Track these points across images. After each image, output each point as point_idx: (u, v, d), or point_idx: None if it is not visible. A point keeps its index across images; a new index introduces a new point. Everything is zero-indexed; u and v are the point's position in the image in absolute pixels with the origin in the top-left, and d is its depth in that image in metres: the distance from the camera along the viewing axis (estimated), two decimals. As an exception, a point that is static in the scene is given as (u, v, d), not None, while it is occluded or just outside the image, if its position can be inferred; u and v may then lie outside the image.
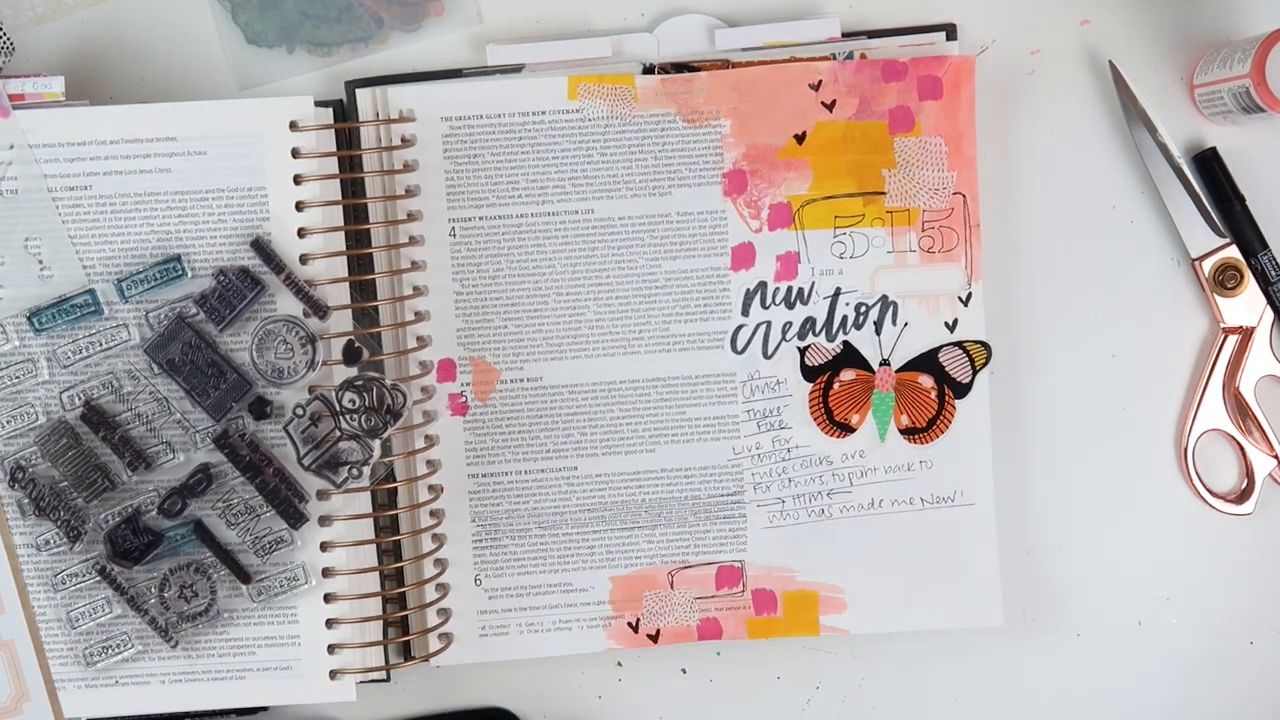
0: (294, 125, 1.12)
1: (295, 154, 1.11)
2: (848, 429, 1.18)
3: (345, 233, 1.13)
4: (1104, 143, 1.21)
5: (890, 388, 1.18)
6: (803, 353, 1.17)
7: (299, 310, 1.12)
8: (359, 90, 1.16)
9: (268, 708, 1.18)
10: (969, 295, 1.17)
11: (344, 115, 1.16)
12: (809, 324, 1.17)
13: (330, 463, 1.12)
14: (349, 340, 1.12)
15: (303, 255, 1.12)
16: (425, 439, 1.16)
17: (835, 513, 1.18)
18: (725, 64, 1.16)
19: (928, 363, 1.17)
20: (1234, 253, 1.19)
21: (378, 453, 1.12)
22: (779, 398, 1.17)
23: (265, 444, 1.13)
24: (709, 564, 1.18)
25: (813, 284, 1.17)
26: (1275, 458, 1.20)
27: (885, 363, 1.17)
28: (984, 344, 1.17)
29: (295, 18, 1.18)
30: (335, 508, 1.14)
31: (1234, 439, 1.20)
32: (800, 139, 1.16)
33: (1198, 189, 1.18)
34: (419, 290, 1.15)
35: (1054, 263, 1.20)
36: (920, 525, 1.18)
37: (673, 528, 1.18)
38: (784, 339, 1.17)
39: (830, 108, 1.15)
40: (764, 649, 1.21)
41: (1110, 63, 1.19)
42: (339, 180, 1.14)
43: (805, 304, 1.17)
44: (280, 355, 1.11)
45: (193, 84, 1.19)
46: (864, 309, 1.17)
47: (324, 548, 1.14)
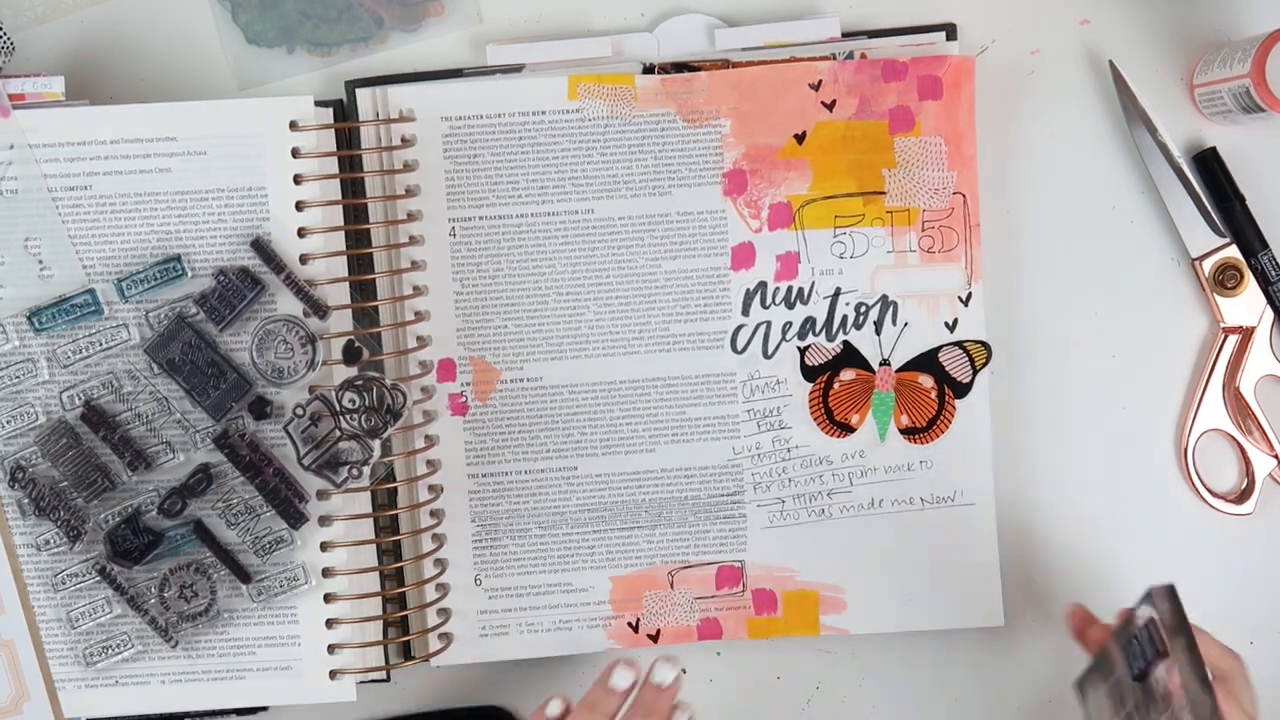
0: (294, 125, 1.12)
1: (295, 154, 1.11)
2: (848, 429, 1.18)
3: (345, 233, 1.13)
4: (1104, 143, 1.20)
5: (890, 388, 1.18)
6: (803, 353, 1.17)
7: (299, 310, 1.12)
8: (359, 90, 1.16)
9: (268, 708, 1.18)
10: (969, 295, 1.17)
11: (344, 115, 1.16)
12: (809, 324, 1.17)
13: (330, 463, 1.12)
14: (349, 340, 1.12)
15: (303, 255, 1.12)
16: (425, 439, 1.16)
17: (835, 513, 1.18)
18: (725, 64, 1.16)
19: (928, 362, 1.17)
20: (1234, 253, 1.19)
21: (378, 453, 1.12)
22: (779, 397, 1.17)
23: (265, 444, 1.13)
24: (709, 564, 1.18)
25: (813, 284, 1.17)
26: (1275, 458, 1.20)
27: (885, 363, 1.17)
28: (984, 344, 1.17)
29: (295, 18, 1.18)
30: (335, 508, 1.13)
31: (1234, 439, 1.20)
32: (800, 139, 1.15)
33: (1198, 189, 1.18)
34: (419, 290, 1.15)
35: (1054, 263, 1.20)
36: (920, 525, 1.18)
37: (673, 528, 1.18)
38: (784, 339, 1.17)
39: (830, 107, 1.15)
40: (764, 649, 1.21)
41: (1110, 63, 1.19)
42: (339, 180, 1.13)
43: (805, 304, 1.17)
44: (280, 355, 1.11)
45: (193, 84, 1.19)
46: (864, 309, 1.17)
47: (324, 548, 1.14)
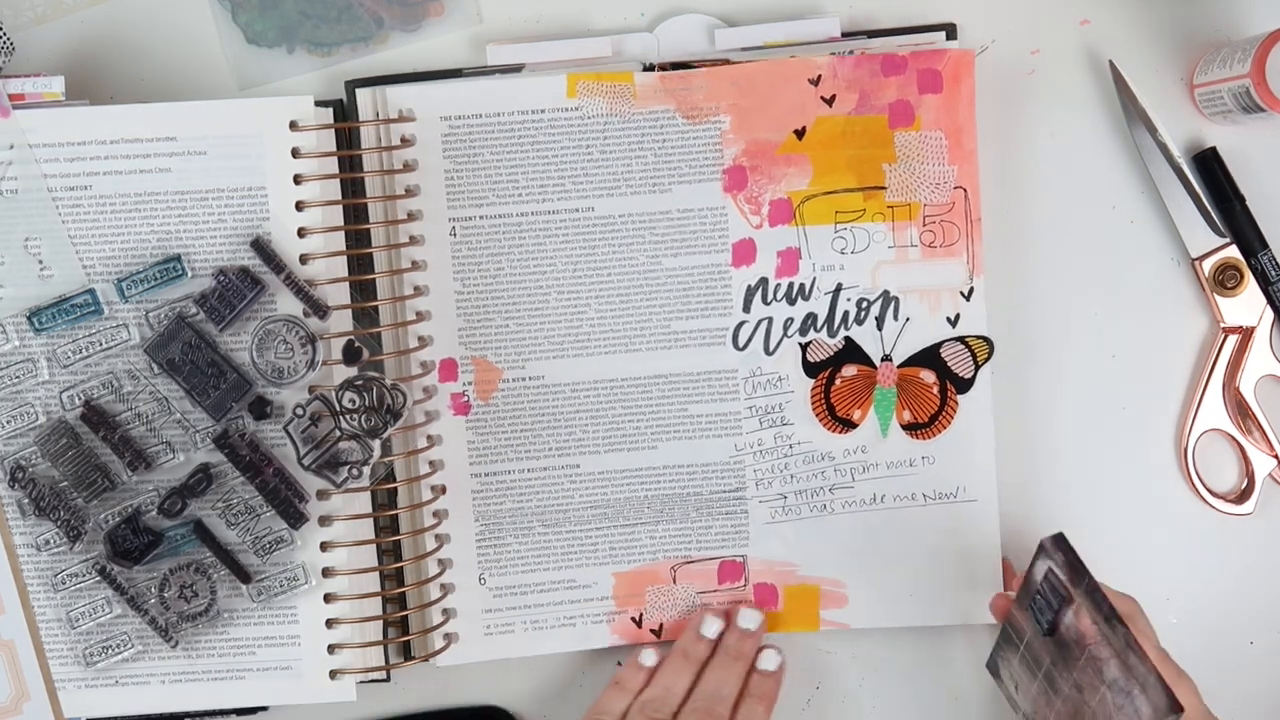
0: (294, 125, 1.12)
1: (295, 154, 1.11)
2: (850, 425, 1.18)
3: (345, 232, 1.13)
4: (1104, 143, 1.21)
5: (892, 383, 1.18)
6: (804, 349, 1.17)
7: (299, 310, 1.11)
8: (359, 90, 1.16)
9: (267, 708, 1.18)
10: (971, 290, 1.17)
11: (344, 115, 1.16)
12: (810, 320, 1.17)
13: (330, 463, 1.11)
14: (349, 340, 1.12)
15: (303, 255, 1.12)
16: (427, 439, 1.16)
17: (837, 508, 1.18)
18: (725, 64, 1.16)
19: (930, 358, 1.17)
20: (1234, 253, 1.19)
21: (378, 453, 1.12)
22: (781, 394, 1.17)
23: (265, 444, 1.12)
24: (711, 559, 1.18)
25: (814, 280, 1.17)
26: (1275, 458, 1.20)
27: (887, 358, 1.17)
28: (986, 339, 1.17)
29: (295, 18, 1.18)
30: (335, 508, 1.13)
31: (1234, 439, 1.20)
32: (800, 134, 1.16)
33: (1198, 189, 1.18)
34: (419, 290, 1.15)
35: (1054, 263, 1.20)
36: (922, 521, 1.18)
37: (675, 524, 1.18)
38: (785, 335, 1.17)
39: (830, 102, 1.15)
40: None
41: (1110, 63, 1.19)
42: (339, 180, 1.13)
43: (806, 300, 1.17)
44: (280, 355, 1.11)
45: (193, 84, 1.19)
46: (865, 304, 1.17)
47: (324, 548, 1.13)
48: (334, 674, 1.14)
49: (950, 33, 1.18)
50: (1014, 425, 1.20)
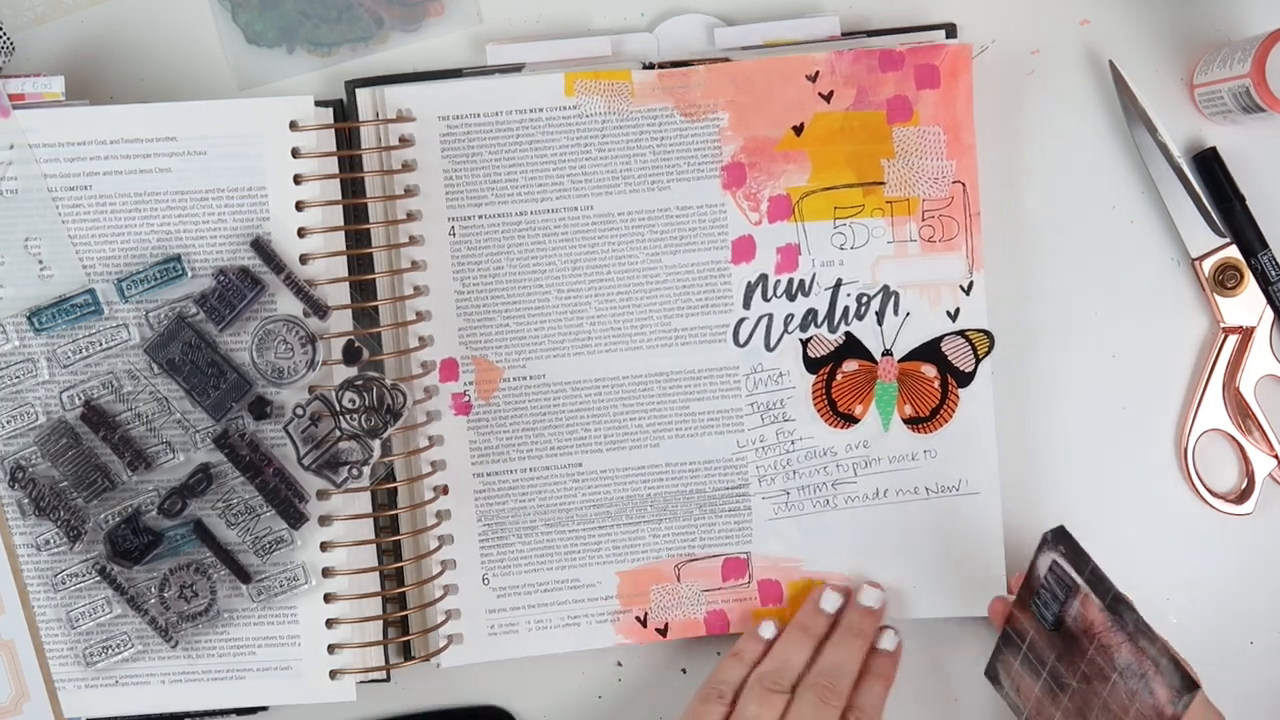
0: (294, 125, 1.12)
1: (295, 154, 1.11)
2: (851, 420, 1.18)
3: (345, 232, 1.13)
4: (1104, 143, 1.21)
5: (893, 378, 1.18)
6: (805, 344, 1.17)
7: (299, 310, 1.11)
8: (359, 90, 1.16)
9: (267, 708, 1.18)
10: (970, 284, 1.17)
11: (344, 115, 1.16)
12: (811, 315, 1.17)
13: (330, 463, 1.11)
14: (349, 340, 1.12)
15: (303, 255, 1.12)
16: (429, 439, 1.16)
17: (840, 503, 1.18)
18: (724, 62, 1.16)
19: (930, 352, 1.17)
20: (1234, 253, 1.19)
21: (378, 453, 1.12)
22: (782, 390, 1.17)
23: (265, 444, 1.12)
24: (715, 556, 1.18)
25: (814, 275, 1.16)
26: (1275, 458, 1.20)
27: (888, 353, 1.17)
28: (986, 332, 1.17)
29: (295, 18, 1.18)
30: (335, 508, 1.13)
31: (1234, 439, 1.20)
32: (798, 130, 1.16)
33: (1198, 189, 1.19)
34: (419, 290, 1.15)
35: (1054, 263, 1.20)
36: (925, 515, 1.18)
37: (678, 521, 1.18)
38: (786, 331, 1.17)
39: (828, 99, 1.15)
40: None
41: (1110, 63, 1.19)
42: (339, 180, 1.13)
43: (806, 296, 1.17)
44: (280, 355, 1.11)
45: (193, 84, 1.19)
46: (865, 299, 1.17)
47: (324, 548, 1.13)
48: (334, 674, 1.14)
49: (950, 32, 1.18)
50: (1014, 422, 1.20)
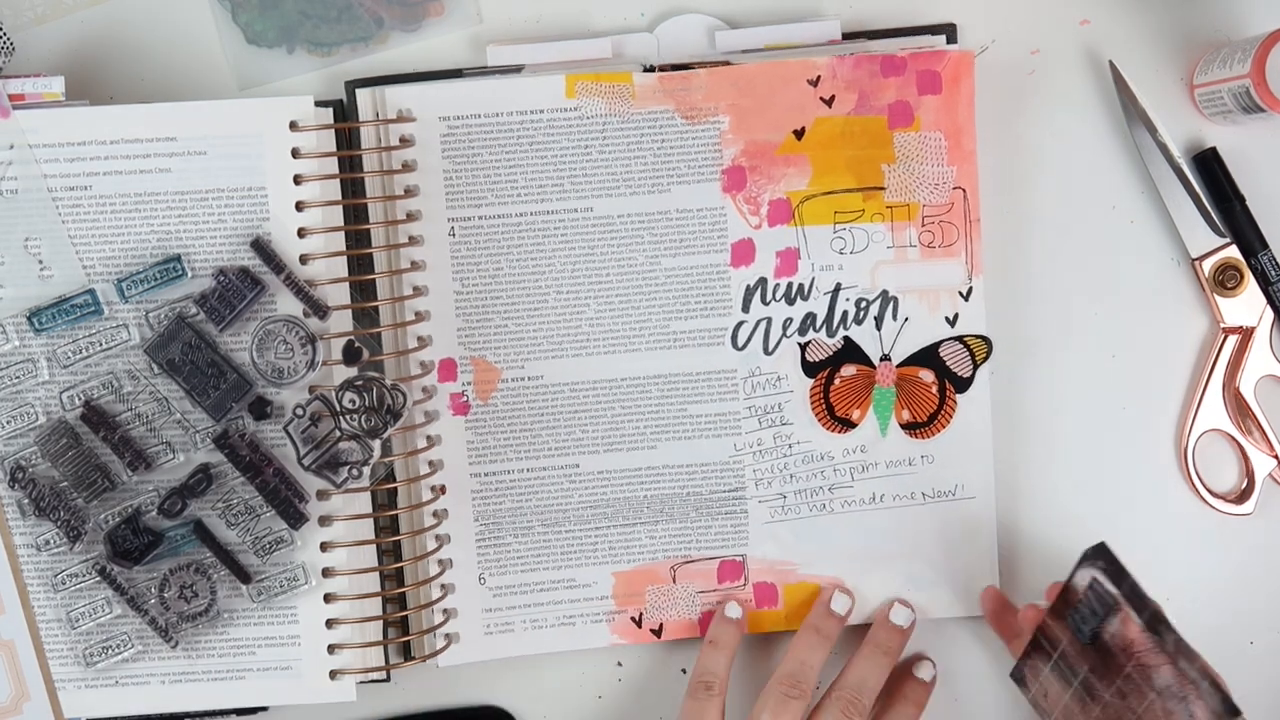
0: (294, 125, 1.11)
1: (295, 154, 1.11)
2: (849, 424, 1.18)
3: (345, 233, 1.13)
4: (1104, 143, 1.21)
5: (891, 383, 1.18)
6: (803, 348, 1.17)
7: (299, 310, 1.11)
8: (359, 90, 1.16)
9: (267, 708, 1.18)
10: (969, 290, 1.17)
11: (344, 115, 1.16)
12: (809, 320, 1.17)
13: (330, 463, 1.11)
14: (349, 340, 1.12)
15: (303, 255, 1.12)
16: (427, 439, 1.16)
17: (837, 507, 1.18)
18: (725, 65, 1.16)
19: (928, 357, 1.17)
20: (1234, 253, 1.19)
21: (378, 453, 1.12)
22: (780, 394, 1.17)
23: (265, 444, 1.13)
24: (711, 558, 1.19)
25: (813, 280, 1.16)
26: (1275, 458, 1.20)
27: (886, 358, 1.17)
28: (985, 338, 1.17)
29: (295, 18, 1.18)
30: (335, 508, 1.13)
31: (1234, 439, 1.20)
32: (799, 134, 1.15)
33: (1198, 189, 1.18)
34: (419, 290, 1.15)
35: (1054, 263, 1.20)
36: (921, 519, 1.18)
37: (675, 523, 1.18)
38: (784, 335, 1.17)
39: (829, 103, 1.15)
40: (765, 648, 1.21)
41: (1110, 63, 1.19)
42: (339, 180, 1.13)
43: (805, 300, 1.17)
44: (280, 355, 1.11)
45: (193, 84, 1.19)
46: (864, 304, 1.17)
47: (324, 548, 1.13)
48: (334, 674, 1.14)
49: (950, 33, 1.18)
50: (1013, 425, 1.20)
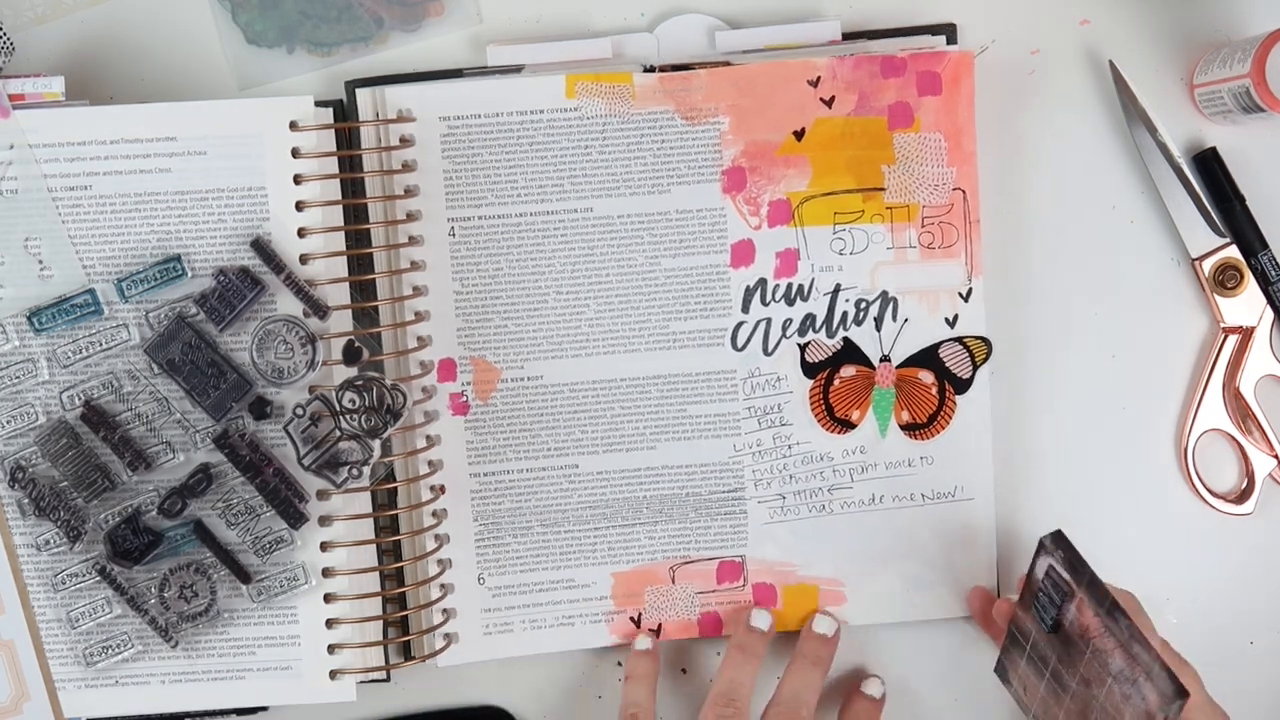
0: (294, 125, 1.12)
1: (295, 154, 1.11)
2: (848, 425, 1.18)
3: (345, 233, 1.13)
4: (1104, 143, 1.21)
5: (891, 384, 1.18)
6: (803, 349, 1.17)
7: (299, 310, 1.12)
8: (359, 90, 1.16)
9: (267, 708, 1.18)
10: (969, 291, 1.17)
11: (344, 115, 1.16)
12: (809, 320, 1.17)
13: (330, 463, 1.12)
14: (349, 340, 1.12)
15: (303, 255, 1.12)
16: (426, 439, 1.16)
17: (836, 508, 1.18)
18: (725, 66, 1.16)
19: (928, 358, 1.17)
20: (1234, 253, 1.19)
21: (378, 453, 1.12)
22: (779, 394, 1.17)
23: (265, 444, 1.13)
24: (710, 559, 1.19)
25: (812, 280, 1.16)
26: (1275, 458, 1.20)
27: (886, 359, 1.17)
28: (984, 339, 1.17)
29: (295, 18, 1.18)
30: (335, 508, 1.13)
31: (1234, 439, 1.20)
32: (799, 135, 1.15)
33: (1198, 189, 1.18)
34: (419, 290, 1.15)
35: (1054, 262, 1.20)
36: (920, 520, 1.18)
37: (674, 524, 1.18)
38: (784, 335, 1.17)
39: (829, 104, 1.15)
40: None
41: (1110, 63, 1.19)
42: (339, 180, 1.13)
43: (805, 300, 1.17)
44: (280, 355, 1.11)
45: (193, 84, 1.19)
46: (864, 305, 1.17)
47: (324, 548, 1.13)
48: (334, 674, 1.14)
49: (950, 33, 1.18)
50: (1013, 425, 1.20)
